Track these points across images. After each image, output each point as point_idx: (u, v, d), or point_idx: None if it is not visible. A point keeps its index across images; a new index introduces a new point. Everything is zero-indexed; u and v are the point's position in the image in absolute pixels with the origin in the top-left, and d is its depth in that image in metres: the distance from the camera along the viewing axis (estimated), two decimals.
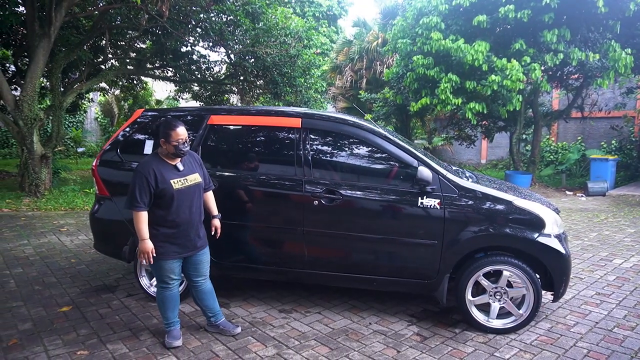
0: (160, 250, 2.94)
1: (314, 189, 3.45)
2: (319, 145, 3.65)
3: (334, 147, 3.65)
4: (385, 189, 3.41)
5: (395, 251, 3.44)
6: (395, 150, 3.44)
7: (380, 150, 3.49)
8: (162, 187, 2.88)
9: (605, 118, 15.82)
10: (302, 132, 3.57)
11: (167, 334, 3.14)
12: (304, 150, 3.54)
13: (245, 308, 3.78)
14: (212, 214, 3.31)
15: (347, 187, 3.43)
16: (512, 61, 9.25)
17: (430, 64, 10.14)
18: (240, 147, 3.84)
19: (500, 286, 3.31)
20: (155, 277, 3.13)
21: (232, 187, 3.63)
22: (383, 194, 3.40)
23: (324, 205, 3.41)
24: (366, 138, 3.51)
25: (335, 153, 3.67)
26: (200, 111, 3.95)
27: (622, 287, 4.30)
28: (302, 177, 3.49)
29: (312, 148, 3.58)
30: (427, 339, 3.26)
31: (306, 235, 3.49)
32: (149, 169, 2.89)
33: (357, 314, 3.67)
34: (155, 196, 2.89)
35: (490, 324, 3.32)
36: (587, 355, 3.01)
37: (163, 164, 2.96)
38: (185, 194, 2.97)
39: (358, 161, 3.63)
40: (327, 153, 3.67)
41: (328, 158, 3.66)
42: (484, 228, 3.25)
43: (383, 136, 3.49)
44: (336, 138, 3.63)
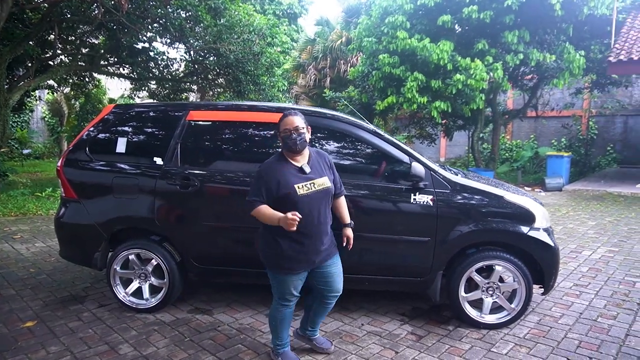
0: (283, 265, 2.59)
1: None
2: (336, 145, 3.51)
3: (320, 142, 3.53)
4: (377, 186, 3.32)
5: (387, 249, 3.36)
6: (386, 146, 3.36)
7: (371, 147, 3.41)
8: (284, 192, 2.48)
9: (556, 117, 16.62)
10: None
11: (279, 356, 2.80)
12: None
13: (230, 314, 3.59)
14: (344, 222, 2.91)
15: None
16: (475, 61, 9.49)
17: (396, 63, 10.23)
18: (223, 144, 3.64)
19: (492, 281, 3.30)
20: (275, 293, 2.74)
21: (215, 187, 3.43)
22: (375, 191, 3.31)
23: None
24: (357, 134, 3.41)
25: (322, 149, 3.53)
26: (177, 107, 3.72)
27: (596, 278, 4.44)
28: None
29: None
30: (422, 337, 3.20)
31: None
32: (270, 171, 2.53)
33: (348, 315, 3.57)
34: (276, 202, 2.51)
35: (483, 319, 3.31)
36: (580, 346, 3.05)
37: (287, 166, 2.57)
38: (312, 201, 2.54)
39: (349, 158, 3.52)
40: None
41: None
42: (476, 223, 3.23)
43: (373, 132, 3.41)
44: (326, 134, 3.51)
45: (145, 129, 3.73)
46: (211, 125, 3.63)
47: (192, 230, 3.48)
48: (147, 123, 3.72)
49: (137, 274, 3.58)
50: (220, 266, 3.55)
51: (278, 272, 2.63)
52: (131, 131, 3.68)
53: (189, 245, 3.51)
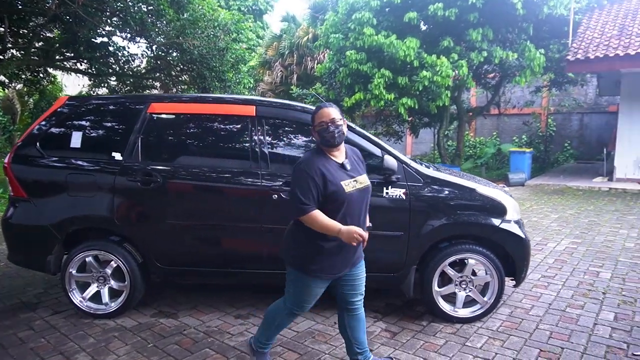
0: (313, 267, 2.31)
1: (272, 182, 3.18)
2: (276, 134, 3.39)
3: (293, 137, 3.41)
4: None
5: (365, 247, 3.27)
6: (357, 139, 3.27)
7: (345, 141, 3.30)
8: (332, 189, 2.22)
9: (517, 115, 17.12)
10: (257, 120, 3.28)
11: (256, 355, 2.64)
12: (259, 140, 3.26)
13: (197, 317, 3.41)
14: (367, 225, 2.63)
15: None
16: (441, 58, 9.59)
17: (363, 59, 10.22)
18: (187, 138, 3.46)
19: (465, 275, 3.28)
20: (290, 297, 2.46)
21: (178, 184, 3.25)
22: None
23: (284, 199, 3.16)
24: None
25: (293, 142, 3.42)
26: (137, 99, 3.51)
27: (562, 269, 4.52)
28: (258, 169, 3.21)
29: (268, 137, 3.30)
30: (396, 334, 3.14)
31: (266, 232, 3.21)
32: (315, 166, 2.23)
33: (320, 314, 3.46)
34: (323, 201, 2.23)
35: (456, 313, 3.28)
36: (551, 337, 3.07)
37: (329, 161, 2.30)
38: (356, 200, 2.31)
39: None
40: (284, 142, 3.42)
41: (287, 148, 3.41)
42: (449, 216, 3.20)
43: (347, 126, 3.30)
44: (295, 127, 3.39)
45: (102, 122, 3.49)
46: (174, 119, 3.44)
47: (155, 229, 3.29)
48: (105, 116, 3.49)
49: (95, 277, 3.35)
50: (185, 266, 3.38)
51: (306, 274, 2.33)
52: (87, 125, 3.44)
53: (152, 245, 3.31)
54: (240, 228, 3.27)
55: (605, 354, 2.84)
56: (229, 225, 3.28)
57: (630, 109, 10.70)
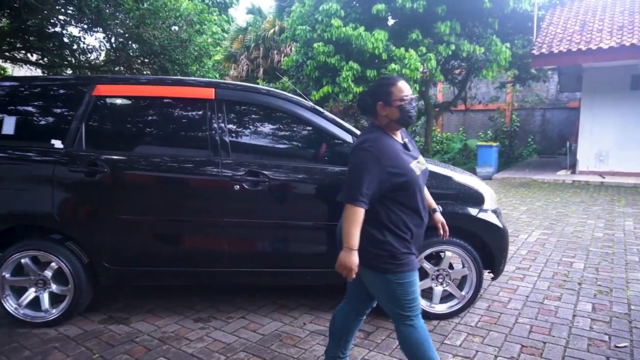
0: (403, 261, 1.94)
1: (233, 171, 2.90)
2: (238, 119, 3.10)
3: (256, 122, 3.14)
4: (319, 169, 2.99)
5: (330, 239, 3.03)
6: (326, 125, 3.03)
7: (310, 126, 3.06)
8: (402, 173, 1.93)
9: (482, 111, 17.36)
10: (216, 104, 2.98)
11: None
12: (219, 126, 2.96)
13: (151, 321, 3.09)
14: (432, 207, 2.42)
15: (273, 168, 2.94)
16: (410, 51, 9.48)
17: (331, 52, 9.99)
18: (138, 124, 3.13)
19: (442, 268, 3.10)
20: (399, 310, 2.02)
21: (129, 175, 2.92)
22: (315, 174, 2.97)
23: (247, 190, 2.88)
24: (294, 112, 3.04)
25: (257, 129, 3.15)
26: (79, 80, 3.14)
27: (535, 260, 4.44)
28: (218, 158, 2.92)
29: (229, 123, 3.01)
30: (370, 334, 2.91)
31: (226, 227, 2.92)
32: (387, 151, 1.91)
33: (288, 314, 3.21)
34: (395, 187, 1.93)
35: (433, 309, 3.10)
36: (531, 331, 2.92)
37: (396, 143, 2.01)
38: (421, 182, 2.06)
39: (285, 138, 3.15)
40: (247, 129, 3.13)
41: (249, 135, 3.13)
42: None
43: (312, 109, 3.06)
44: (259, 111, 3.12)
45: (40, 106, 3.10)
46: (123, 102, 3.10)
47: (102, 226, 2.94)
48: (43, 99, 3.10)
49: (34, 280, 2.98)
50: (139, 267, 3.04)
51: (407, 271, 1.96)
52: (21, 109, 3.04)
53: (99, 244, 2.96)
54: (198, 223, 2.97)
55: (588, 347, 2.71)
56: (185, 220, 2.97)
57: (591, 103, 10.94)
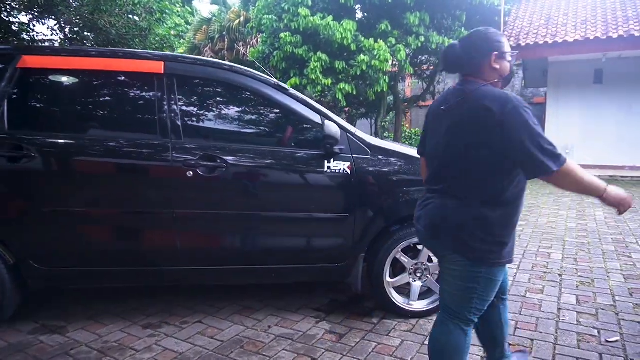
0: (504, 251, 1.62)
1: (186, 156, 2.53)
2: (192, 97, 2.73)
3: (212, 101, 2.77)
4: (283, 153, 2.66)
5: (298, 231, 2.72)
6: (293, 104, 2.70)
7: (274, 105, 2.73)
8: None
9: None
10: (166, 80, 2.60)
11: None
12: (169, 105, 2.58)
13: (92, 330, 2.68)
14: None
15: (232, 152, 2.59)
16: (379, 42, 9.27)
17: (299, 43, 9.66)
18: (72, 102, 2.70)
19: (421, 262, 2.82)
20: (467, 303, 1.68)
21: (62, 160, 2.50)
22: (280, 159, 2.64)
23: (202, 177, 2.52)
24: (256, 89, 2.69)
25: (214, 108, 2.78)
26: (2, 51, 2.68)
27: None
28: (168, 140, 2.54)
29: (181, 102, 2.63)
30: (343, 336, 2.61)
31: (178, 220, 2.55)
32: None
33: (251, 317, 2.86)
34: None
35: (412, 306, 2.82)
36: (518, 327, 2.69)
37: None
38: None
39: (246, 119, 2.81)
40: (203, 108, 2.76)
41: (205, 115, 2.76)
42: (403, 194, 2.72)
43: (277, 87, 2.72)
44: (215, 89, 2.76)
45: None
46: (54, 76, 2.66)
47: (30, 219, 2.51)
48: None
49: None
50: (75, 267, 2.62)
51: (499, 265, 1.64)
52: None
53: (27, 241, 2.53)
54: (144, 216, 2.58)
55: (578, 343, 2.50)
56: (129, 212, 2.57)
57: (556, 97, 11.06)
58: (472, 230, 1.59)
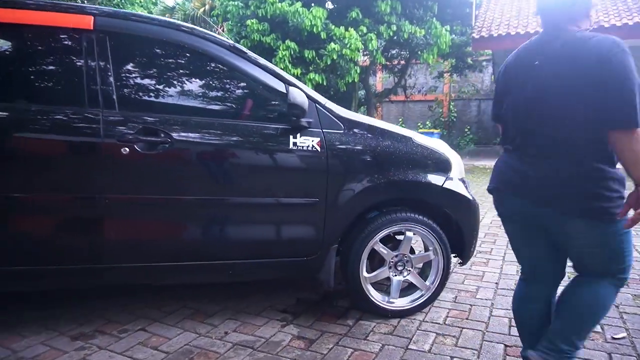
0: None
1: (121, 129, 2.07)
2: (129, 61, 2.26)
3: (155, 65, 2.31)
4: (241, 127, 2.24)
5: (258, 220, 2.30)
6: (252, 69, 2.28)
7: (230, 70, 2.29)
8: None
9: (421, 101, 17.38)
10: (96, 38, 2.13)
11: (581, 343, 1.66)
12: (100, 69, 2.11)
13: (5, 343, 2.18)
14: None
15: (178, 125, 2.15)
16: (349, 30, 8.93)
17: (266, 30, 9.21)
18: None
19: (402, 253, 2.46)
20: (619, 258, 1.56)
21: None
22: (237, 134, 2.22)
23: (141, 155, 2.07)
24: (207, 52, 2.24)
25: (157, 74, 2.31)
26: None
27: (496, 243, 3.98)
28: (99, 111, 2.07)
29: (116, 65, 2.16)
30: (314, 342, 2.22)
31: (111, 207, 2.09)
32: None
33: (205, 322, 2.43)
34: None
35: (392, 305, 2.45)
36: (512, 325, 2.36)
37: None
38: None
39: (196, 87, 2.35)
40: (143, 74, 2.30)
41: (145, 82, 2.29)
42: (381, 175, 2.34)
43: (234, 49, 2.29)
44: (158, 50, 2.30)
45: None
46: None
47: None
48: None
49: None
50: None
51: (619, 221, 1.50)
52: None
53: None
54: (68, 203, 2.10)
55: None
56: (48, 199, 2.09)
57: None
58: (596, 190, 1.46)
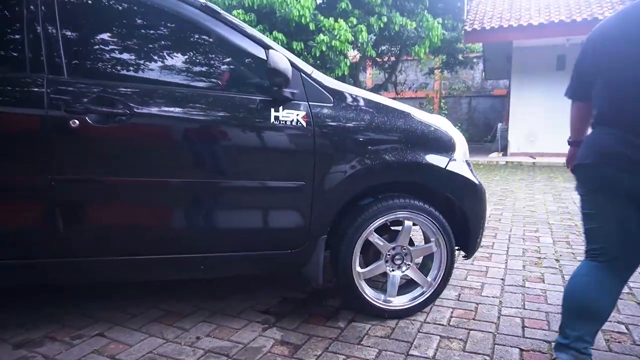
0: None
1: (69, 99, 1.74)
2: (81, 19, 1.92)
3: (110, 24, 1.96)
4: (213, 99, 1.92)
5: (234, 206, 1.98)
6: (227, 32, 1.96)
7: (201, 33, 1.98)
8: None
9: (412, 98, 17.13)
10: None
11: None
12: (44, 28, 1.78)
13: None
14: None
15: (139, 95, 1.82)
16: (339, 21, 8.66)
17: (253, 21, 8.88)
18: None
19: (400, 245, 2.16)
20: None
21: None
22: (208, 107, 1.90)
23: (93, 129, 1.74)
24: (174, 11, 1.91)
25: (115, 36, 1.97)
26: None
27: (497, 237, 3.70)
28: (42, 76, 1.74)
29: (64, 24, 1.83)
30: (300, 347, 1.91)
31: (58, 189, 1.76)
32: None
33: (175, 325, 2.11)
34: None
35: (390, 304, 2.15)
36: (525, 326, 2.08)
37: None
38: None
39: (161, 52, 2.02)
40: (98, 35, 1.96)
41: (101, 44, 1.95)
42: (376, 155, 2.04)
43: (205, 9, 1.96)
44: (115, 7, 1.96)
45: None
46: None
47: None
48: None
49: None
50: None
51: None
52: None
53: None
54: (4, 185, 1.77)
55: (607, 344, 1.92)
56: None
57: (520, 84, 10.84)
58: None
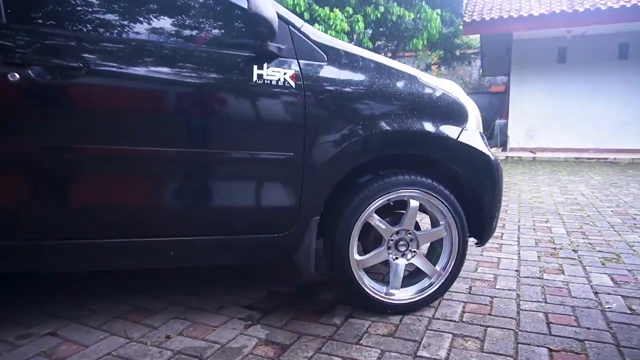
0: None
1: (8, 48, 1.44)
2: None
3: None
4: (183, 53, 1.62)
5: (210, 180, 1.68)
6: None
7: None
8: None
9: None
10: None
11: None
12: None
13: None
14: None
15: (95, 45, 1.52)
16: (335, 10, 8.37)
17: None
18: None
19: (405, 229, 1.86)
20: None
21: None
22: (177, 62, 1.60)
23: (37, 84, 1.44)
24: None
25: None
26: None
27: (505, 227, 3.42)
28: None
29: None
30: (288, 348, 1.61)
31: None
32: None
33: (142, 323, 1.80)
34: None
35: (392, 297, 1.86)
36: (550, 322, 1.79)
37: None
38: None
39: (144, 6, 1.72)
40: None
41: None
42: (377, 123, 1.75)
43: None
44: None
45: None
46: None
47: None
48: None
49: None
50: None
51: None
52: None
53: None
54: None
55: None
56: None
57: (520, 78, 10.60)
58: None
